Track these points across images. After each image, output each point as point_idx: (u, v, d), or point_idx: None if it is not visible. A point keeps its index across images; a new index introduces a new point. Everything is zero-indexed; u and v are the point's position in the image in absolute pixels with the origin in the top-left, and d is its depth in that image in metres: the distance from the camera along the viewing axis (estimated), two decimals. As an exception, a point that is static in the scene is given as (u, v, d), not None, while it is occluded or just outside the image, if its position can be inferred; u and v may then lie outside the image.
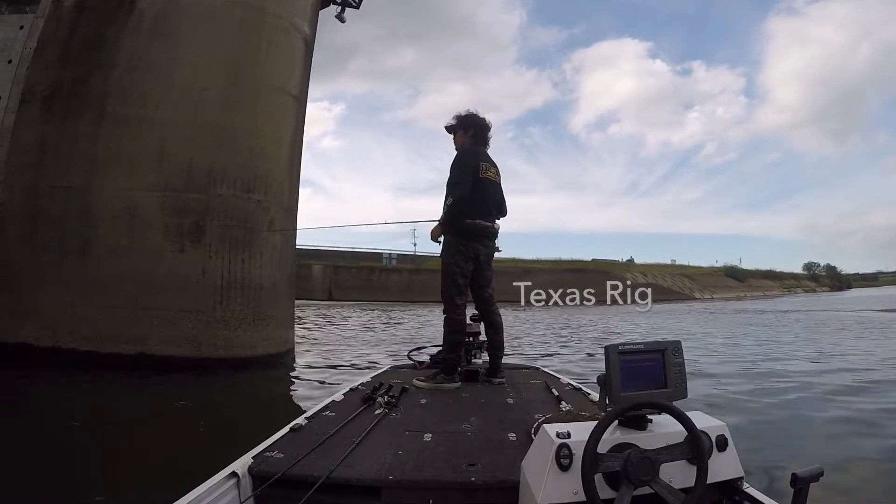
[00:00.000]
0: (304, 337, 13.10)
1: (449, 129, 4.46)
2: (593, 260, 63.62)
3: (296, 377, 8.03)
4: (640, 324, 19.74)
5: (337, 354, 10.54)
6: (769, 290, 71.75)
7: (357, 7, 11.36)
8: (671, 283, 57.68)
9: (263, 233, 8.44)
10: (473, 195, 4.08)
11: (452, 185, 4.13)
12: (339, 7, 11.10)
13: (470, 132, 4.35)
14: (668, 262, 73.06)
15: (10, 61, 8.43)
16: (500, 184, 4.39)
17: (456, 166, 4.17)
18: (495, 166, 4.35)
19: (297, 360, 9.23)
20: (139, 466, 3.92)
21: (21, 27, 8.57)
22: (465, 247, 4.13)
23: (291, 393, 6.98)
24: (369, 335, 15.47)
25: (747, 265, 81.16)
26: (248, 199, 8.36)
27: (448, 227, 4.18)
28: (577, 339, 14.07)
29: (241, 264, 8.19)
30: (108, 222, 7.83)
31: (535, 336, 14.96)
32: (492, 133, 4.43)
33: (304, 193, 10.05)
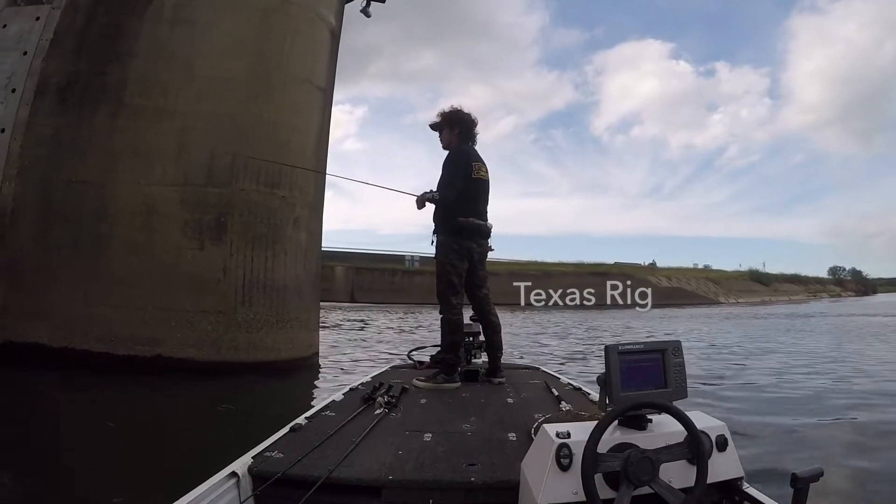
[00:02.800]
0: (328, 340, 12.59)
1: (434, 126, 4.40)
2: (615, 263, 62.61)
3: (321, 383, 7.63)
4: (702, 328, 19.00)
5: (363, 358, 10.09)
6: (794, 294, 70.18)
7: (383, 1, 10.94)
8: (695, 287, 56.92)
9: (288, 230, 8.04)
10: (466, 195, 4.09)
11: (444, 186, 4.10)
12: (365, 0, 10.67)
13: (456, 129, 4.31)
14: (691, 265, 71.81)
15: (25, 53, 8.15)
16: (489, 182, 4.35)
17: (450, 166, 4.17)
18: (485, 165, 4.32)
19: (321, 364, 8.81)
20: (151, 472, 3.75)
21: (37, 18, 8.31)
22: (459, 245, 4.12)
23: (316, 399, 6.49)
24: (394, 337, 15.00)
25: (770, 269, 79.30)
26: (271, 194, 7.96)
27: (436, 222, 4.19)
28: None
29: (265, 263, 7.79)
30: (125, 218, 7.49)
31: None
32: (478, 129, 4.39)
33: (326, 195, 9.75)
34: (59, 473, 3.79)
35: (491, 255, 4.48)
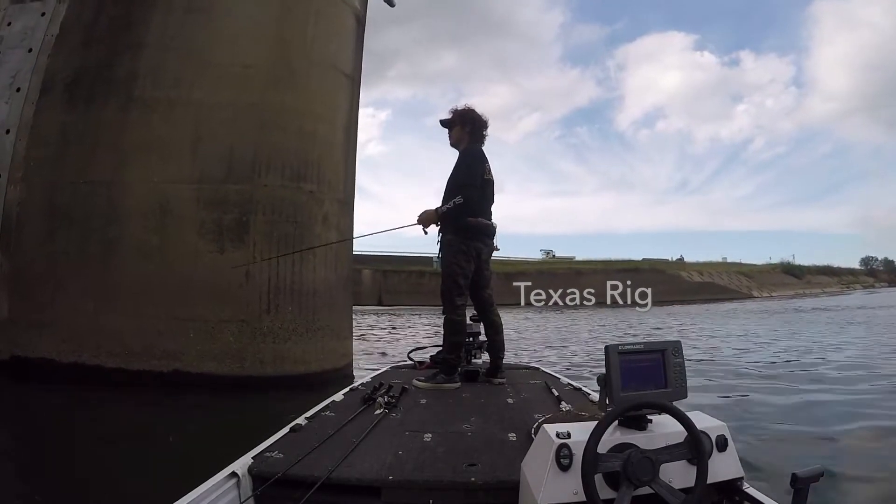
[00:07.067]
0: (361, 348, 11.80)
1: (445, 123, 4.39)
2: (644, 259, 61.80)
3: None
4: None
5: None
6: (827, 286, 69.35)
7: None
8: (728, 282, 56.50)
9: (317, 228, 7.36)
10: (480, 196, 4.11)
11: (462, 186, 4.06)
12: (388, -14, 10.01)
13: (467, 128, 4.30)
14: (719, 259, 71.16)
15: (30, 50, 7.68)
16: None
17: (466, 167, 4.16)
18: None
19: (356, 376, 7.94)
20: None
21: (42, 14, 7.83)
22: (467, 246, 4.09)
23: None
24: (430, 341, 14.15)
25: (801, 261, 78.20)
26: (298, 189, 7.26)
27: (445, 223, 4.16)
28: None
29: (292, 266, 7.07)
30: (137, 220, 6.87)
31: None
32: (487, 132, 4.36)
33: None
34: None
35: (520, 255, 4.12)
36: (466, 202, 3.99)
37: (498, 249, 4.50)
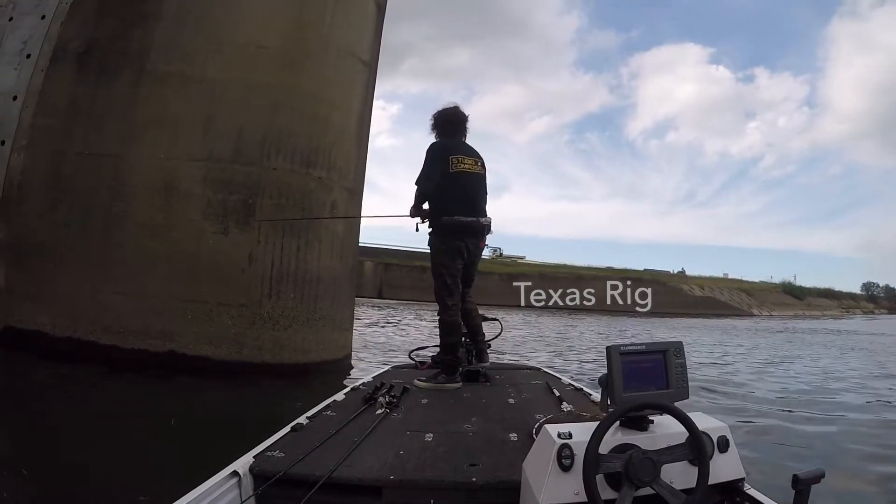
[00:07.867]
0: (360, 339, 11.53)
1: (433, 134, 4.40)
2: (645, 270, 61.27)
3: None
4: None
5: (401, 361, 9.12)
6: (828, 309, 68.94)
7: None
8: (728, 298, 56.02)
9: (324, 215, 7.18)
10: (448, 190, 4.06)
11: (420, 180, 4.10)
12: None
13: (434, 130, 4.32)
14: (721, 275, 70.01)
15: (43, 17, 7.46)
16: (483, 174, 4.28)
17: (425, 161, 4.12)
18: (474, 156, 4.24)
19: (354, 368, 7.83)
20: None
21: (58, -19, 7.58)
22: (447, 245, 4.09)
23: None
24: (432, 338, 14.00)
25: (802, 282, 77.23)
26: (307, 174, 7.08)
27: (420, 214, 4.20)
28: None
29: (296, 252, 6.91)
30: (142, 196, 6.68)
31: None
32: (467, 120, 4.36)
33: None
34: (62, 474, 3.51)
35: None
36: (420, 195, 4.09)
37: (487, 246, 4.53)
